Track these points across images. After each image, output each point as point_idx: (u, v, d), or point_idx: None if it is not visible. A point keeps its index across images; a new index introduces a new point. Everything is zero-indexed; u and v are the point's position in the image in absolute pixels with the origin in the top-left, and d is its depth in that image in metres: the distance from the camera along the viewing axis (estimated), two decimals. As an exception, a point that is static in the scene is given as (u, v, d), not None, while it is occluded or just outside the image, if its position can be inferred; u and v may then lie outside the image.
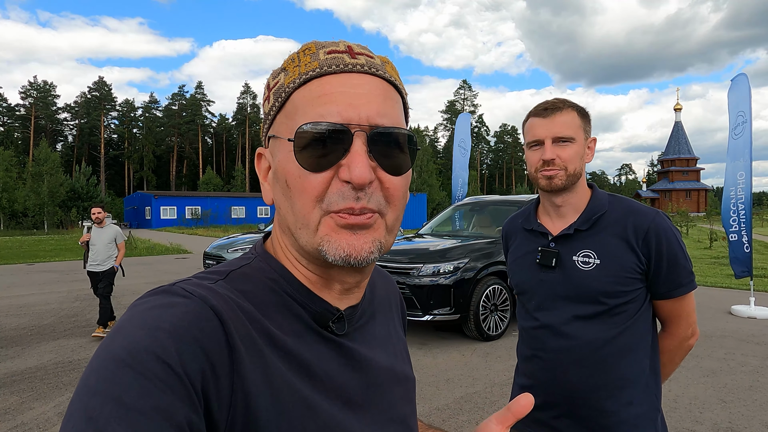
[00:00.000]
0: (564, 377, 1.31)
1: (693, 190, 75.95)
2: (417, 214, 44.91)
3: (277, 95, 0.58)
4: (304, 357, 0.55)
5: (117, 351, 0.45)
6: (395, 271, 5.87)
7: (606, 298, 1.28)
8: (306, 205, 0.54)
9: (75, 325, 6.77)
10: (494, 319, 5.91)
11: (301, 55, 0.58)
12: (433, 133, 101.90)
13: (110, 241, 6.45)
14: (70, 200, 47.10)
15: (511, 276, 1.51)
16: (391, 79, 0.58)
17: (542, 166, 1.33)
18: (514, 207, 6.82)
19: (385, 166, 0.55)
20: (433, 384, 4.43)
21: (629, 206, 1.34)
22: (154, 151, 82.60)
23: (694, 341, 1.41)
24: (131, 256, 17.74)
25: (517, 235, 1.52)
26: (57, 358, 5.28)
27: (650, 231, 1.28)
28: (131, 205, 56.50)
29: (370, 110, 0.54)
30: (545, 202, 1.42)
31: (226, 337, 0.49)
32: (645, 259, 1.28)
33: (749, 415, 3.72)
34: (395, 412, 0.65)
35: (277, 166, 0.57)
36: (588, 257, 1.31)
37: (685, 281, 1.31)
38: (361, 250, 0.54)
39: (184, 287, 0.51)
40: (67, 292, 9.65)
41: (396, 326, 0.76)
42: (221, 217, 49.54)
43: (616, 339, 1.28)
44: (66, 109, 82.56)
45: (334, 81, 0.55)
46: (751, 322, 6.79)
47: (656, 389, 1.35)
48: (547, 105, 1.35)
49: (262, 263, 0.61)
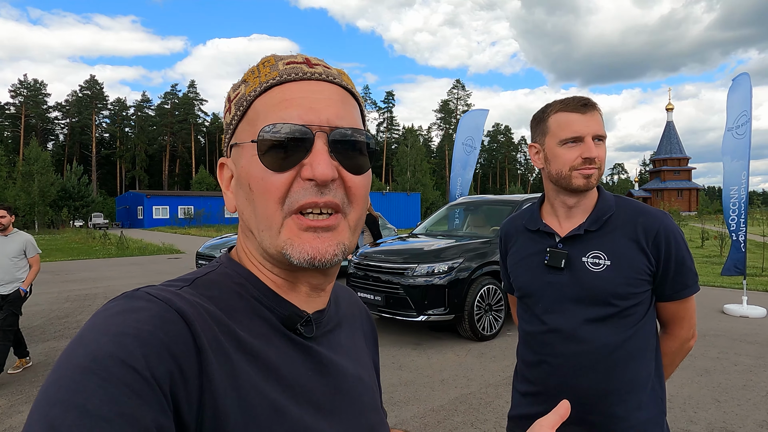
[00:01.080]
0: (575, 383, 1.27)
1: (684, 190, 76.57)
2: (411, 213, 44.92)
3: (239, 105, 0.60)
4: (272, 360, 0.55)
5: (79, 358, 0.43)
6: (390, 272, 5.85)
7: (617, 300, 1.25)
8: (269, 207, 0.55)
9: (65, 327, 6.69)
10: (489, 319, 5.90)
11: (261, 67, 0.60)
12: (427, 132, 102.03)
13: (17, 254, 4.78)
14: (61, 200, 46.70)
15: (514, 278, 1.45)
16: (348, 87, 0.61)
17: (582, 164, 1.27)
18: (508, 207, 6.81)
19: (347, 166, 0.57)
20: (427, 385, 4.41)
21: (637, 207, 1.32)
22: (147, 150, 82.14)
23: (694, 342, 1.40)
24: (123, 256, 17.61)
25: (518, 236, 1.46)
26: (47, 360, 5.21)
27: (660, 232, 1.26)
28: (123, 205, 56.15)
29: (329, 113, 0.57)
30: (556, 203, 1.37)
31: (193, 339, 0.48)
32: (654, 260, 1.26)
33: (743, 414, 3.73)
34: (364, 420, 0.65)
35: (240, 172, 0.58)
36: (598, 258, 1.28)
37: (690, 283, 1.30)
38: (325, 253, 0.55)
39: (148, 291, 0.51)
40: (57, 293, 9.54)
41: (362, 339, 0.77)
42: (214, 217, 49.29)
43: (626, 342, 1.26)
44: (57, 107, 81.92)
45: (295, 87, 0.58)
46: (743, 321, 6.82)
47: (661, 392, 1.33)
48: (585, 101, 1.29)
49: (228, 269, 0.61)
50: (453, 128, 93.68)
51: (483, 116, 10.57)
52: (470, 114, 10.68)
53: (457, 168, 10.23)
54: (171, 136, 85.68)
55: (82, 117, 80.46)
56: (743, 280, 7.37)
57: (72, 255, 17.83)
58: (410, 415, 3.77)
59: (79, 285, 10.48)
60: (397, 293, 5.70)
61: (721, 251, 15.86)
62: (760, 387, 4.29)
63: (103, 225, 46.93)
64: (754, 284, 9.71)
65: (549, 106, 1.34)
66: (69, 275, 12.11)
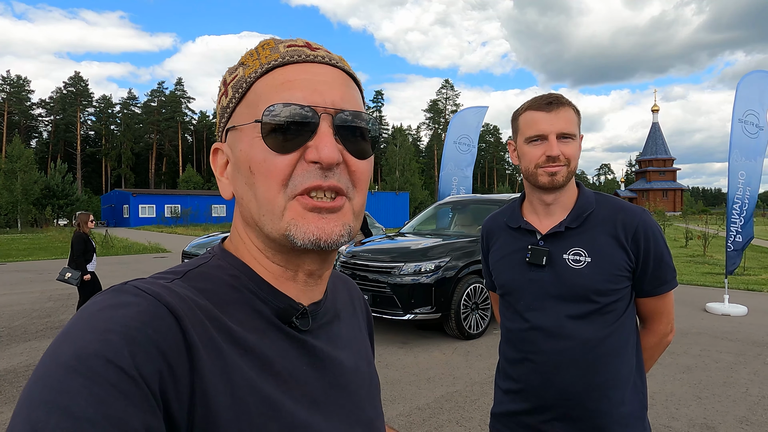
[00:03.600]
0: (558, 380, 1.28)
1: (669, 190, 77.53)
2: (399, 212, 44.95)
3: (237, 87, 0.58)
4: (266, 354, 0.54)
5: (64, 357, 0.42)
6: (377, 270, 5.85)
7: (598, 296, 1.26)
8: (271, 190, 0.53)
9: (48, 327, 6.59)
10: (475, 317, 5.93)
11: (260, 50, 0.59)
12: (416, 132, 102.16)
13: None
14: (44, 198, 45.97)
15: (496, 276, 1.45)
16: (349, 72, 0.60)
17: (545, 162, 1.28)
18: (495, 206, 6.84)
19: (351, 150, 0.56)
20: (413, 383, 4.42)
21: (616, 204, 1.33)
22: (133, 148, 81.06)
23: (672, 337, 1.42)
24: (108, 255, 17.39)
25: (500, 233, 1.47)
26: (28, 361, 5.13)
27: (639, 228, 1.27)
28: (109, 203, 55.37)
29: (334, 96, 0.55)
30: (534, 200, 1.38)
31: (183, 335, 0.47)
32: (634, 256, 1.28)
33: (723, 410, 3.79)
34: (361, 415, 0.64)
35: (238, 155, 0.56)
36: (579, 255, 1.29)
37: (669, 278, 1.31)
38: (331, 233, 0.54)
39: (137, 285, 0.49)
40: (40, 292, 9.40)
41: (361, 329, 0.75)
42: (201, 216, 48.84)
43: (608, 338, 1.27)
44: (41, 104, 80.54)
45: (297, 69, 0.56)
46: (725, 319, 6.93)
47: (642, 387, 1.34)
48: (550, 99, 1.30)
49: (221, 261, 0.60)
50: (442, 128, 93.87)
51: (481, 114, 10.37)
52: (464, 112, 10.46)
53: (448, 167, 10.04)
54: (158, 134, 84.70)
55: (66, 114, 79.22)
56: (725, 279, 7.48)
57: (56, 254, 17.56)
58: (396, 413, 3.78)
59: (62, 284, 10.29)
60: (384, 292, 5.70)
61: (704, 251, 16.09)
62: (740, 384, 4.36)
63: (88, 224, 46.21)
64: (736, 283, 9.87)
65: (521, 105, 1.36)
66: (52, 274, 11.91)
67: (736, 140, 6.93)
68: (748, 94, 6.92)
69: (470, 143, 10.10)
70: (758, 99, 6.90)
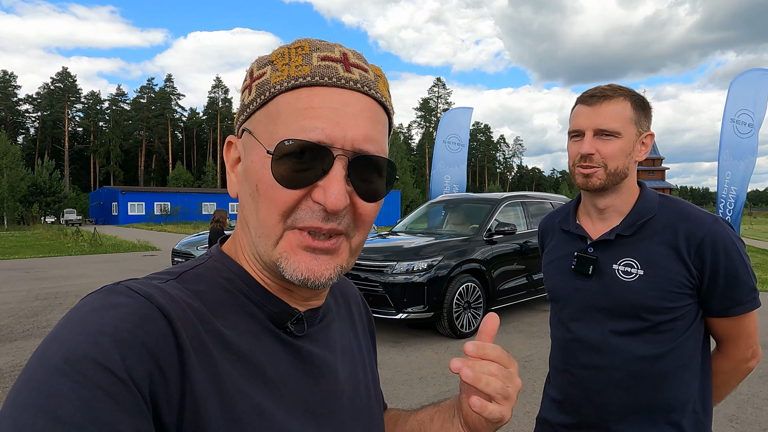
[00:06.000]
0: (597, 397, 1.19)
1: (658, 189, 78.33)
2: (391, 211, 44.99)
3: (261, 90, 0.55)
4: (259, 360, 0.53)
5: (53, 359, 0.41)
6: (369, 269, 5.83)
7: (649, 314, 1.15)
8: (271, 217, 0.52)
9: (34, 326, 6.50)
10: (467, 316, 5.93)
11: (293, 53, 0.55)
12: (407, 130, 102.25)
13: None
14: (31, 195, 45.53)
15: (546, 279, 1.37)
16: (382, 100, 0.56)
17: (580, 161, 1.19)
18: (487, 205, 6.87)
19: (361, 192, 0.54)
20: (406, 383, 4.41)
21: (682, 211, 1.18)
22: (122, 145, 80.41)
23: (755, 363, 1.24)
24: (96, 253, 17.22)
25: (554, 234, 1.37)
26: (14, 361, 5.05)
27: (705, 240, 1.12)
28: (97, 201, 54.90)
29: (356, 133, 0.52)
30: (586, 202, 1.28)
31: (175, 338, 0.46)
32: (697, 272, 1.13)
33: (713, 409, 3.81)
34: (357, 424, 0.63)
35: (249, 166, 0.55)
36: (630, 266, 1.17)
37: (745, 299, 1.15)
38: (320, 276, 0.53)
39: (130, 286, 0.48)
40: (26, 291, 9.26)
41: (358, 332, 0.74)
42: (191, 214, 48.58)
43: (661, 359, 1.16)
44: (27, 100, 79.61)
45: (324, 95, 0.52)
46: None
47: (704, 416, 1.22)
48: (594, 92, 1.20)
49: (218, 263, 0.59)
50: (433, 126, 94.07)
51: (467, 114, 10.59)
52: (453, 112, 10.66)
53: (439, 165, 10.17)
54: (147, 131, 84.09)
55: (54, 110, 78.33)
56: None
57: (43, 252, 17.35)
58: (388, 413, 3.77)
59: (49, 283, 10.19)
60: (376, 291, 5.69)
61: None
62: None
63: (76, 221, 45.80)
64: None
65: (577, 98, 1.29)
66: (39, 273, 11.77)
67: (727, 140, 6.99)
68: (742, 93, 6.96)
69: (459, 142, 10.22)
70: (753, 97, 6.93)
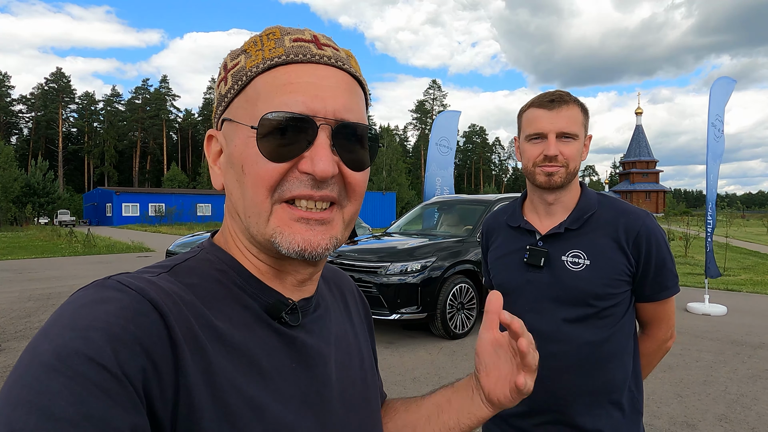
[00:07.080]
0: (552, 384, 1.24)
1: (652, 192, 78.75)
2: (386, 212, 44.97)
3: (237, 78, 0.56)
4: (253, 352, 0.53)
5: (44, 355, 0.41)
6: (363, 270, 5.84)
7: (596, 300, 1.24)
8: (258, 193, 0.53)
9: (27, 327, 6.46)
10: (461, 317, 5.95)
11: (265, 39, 0.56)
12: (403, 132, 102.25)
13: None
14: (25, 196, 45.17)
15: (494, 275, 1.42)
16: (356, 74, 0.57)
17: (543, 162, 1.26)
18: (482, 206, 6.89)
19: (348, 161, 0.54)
20: (399, 383, 4.42)
21: (619, 207, 1.31)
22: (116, 146, 79.90)
23: (671, 343, 1.39)
24: (90, 254, 17.12)
25: (500, 232, 1.44)
26: (7, 362, 5.02)
27: (641, 233, 1.24)
28: (91, 202, 54.50)
29: (336, 103, 0.53)
30: (535, 199, 1.35)
31: (168, 332, 0.46)
32: (634, 261, 1.25)
33: (703, 408, 3.85)
34: (352, 415, 0.62)
35: (232, 150, 0.55)
36: (578, 257, 1.26)
37: (670, 284, 1.29)
38: (317, 246, 0.53)
39: (120, 280, 0.48)
40: (19, 292, 9.21)
41: (354, 322, 0.73)
42: (186, 215, 48.34)
43: (605, 343, 1.25)
44: (21, 100, 79.00)
45: (300, 70, 0.53)
46: (705, 318, 7.05)
47: (638, 393, 1.32)
48: (553, 96, 1.27)
49: (209, 255, 0.58)
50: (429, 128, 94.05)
51: (455, 118, 10.77)
52: (443, 115, 10.84)
53: (432, 167, 10.31)
54: (142, 131, 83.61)
55: (47, 111, 77.72)
56: (705, 279, 7.62)
57: (36, 253, 17.23)
58: (381, 413, 3.77)
59: (42, 284, 10.13)
60: (370, 292, 5.70)
61: (686, 252, 16.35)
62: (719, 382, 4.43)
63: (70, 222, 45.49)
64: (716, 283, 10.04)
65: (527, 102, 1.35)
66: (32, 273, 11.70)
67: (710, 143, 7.17)
68: (717, 98, 7.20)
69: (449, 145, 10.39)
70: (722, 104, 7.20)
